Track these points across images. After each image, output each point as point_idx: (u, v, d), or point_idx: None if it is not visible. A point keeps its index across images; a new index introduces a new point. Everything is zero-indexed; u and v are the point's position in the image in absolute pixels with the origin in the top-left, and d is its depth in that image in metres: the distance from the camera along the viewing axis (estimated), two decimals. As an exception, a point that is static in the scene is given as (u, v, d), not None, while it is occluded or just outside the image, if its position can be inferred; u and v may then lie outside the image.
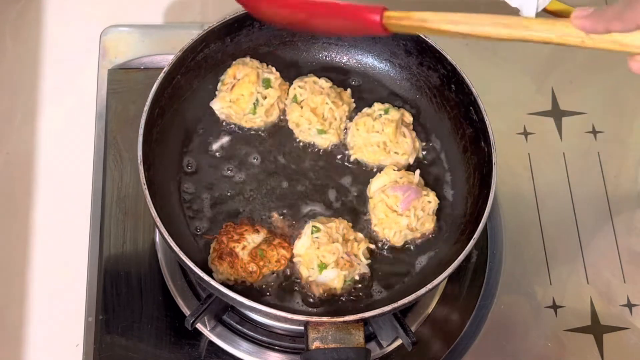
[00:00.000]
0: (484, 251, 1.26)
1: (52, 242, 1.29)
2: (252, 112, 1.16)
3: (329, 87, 1.18)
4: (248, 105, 1.16)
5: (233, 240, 1.07)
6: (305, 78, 1.19)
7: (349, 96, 1.21)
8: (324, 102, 1.16)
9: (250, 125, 1.18)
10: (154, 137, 1.10)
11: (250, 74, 1.16)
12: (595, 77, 1.46)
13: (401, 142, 1.15)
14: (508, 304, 1.24)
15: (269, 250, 1.07)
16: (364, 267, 1.08)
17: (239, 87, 1.16)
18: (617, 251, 1.30)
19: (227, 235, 1.08)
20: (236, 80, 1.16)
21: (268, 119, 1.18)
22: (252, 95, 1.16)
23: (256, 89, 1.16)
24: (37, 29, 1.47)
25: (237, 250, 1.06)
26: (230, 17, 1.15)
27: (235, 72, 1.17)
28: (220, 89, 1.18)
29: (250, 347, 1.17)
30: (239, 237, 1.07)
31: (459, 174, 1.16)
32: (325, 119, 1.16)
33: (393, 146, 1.15)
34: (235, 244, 1.06)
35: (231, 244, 1.06)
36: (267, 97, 1.16)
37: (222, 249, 1.06)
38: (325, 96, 1.16)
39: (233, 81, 1.17)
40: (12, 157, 1.36)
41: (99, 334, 1.16)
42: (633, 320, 1.25)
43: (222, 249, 1.06)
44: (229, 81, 1.17)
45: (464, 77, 1.12)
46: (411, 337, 1.06)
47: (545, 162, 1.36)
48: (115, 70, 1.37)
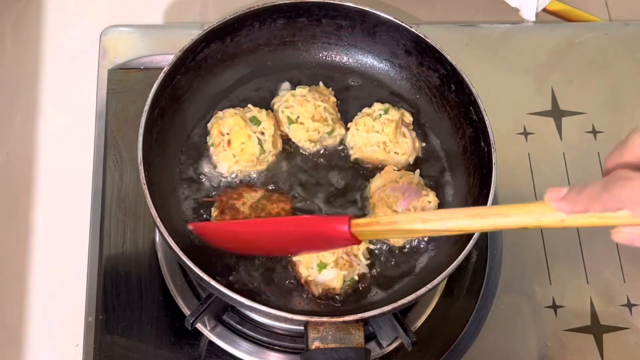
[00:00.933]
0: (484, 251, 1.26)
1: (52, 242, 1.29)
2: (262, 152, 1.13)
3: (307, 91, 1.17)
4: (254, 148, 1.12)
5: (233, 199, 1.09)
6: (282, 97, 1.18)
7: (325, 88, 1.21)
8: (316, 105, 1.16)
9: (264, 166, 1.15)
10: (154, 137, 1.09)
11: (236, 120, 1.12)
12: (595, 77, 1.46)
13: (401, 142, 1.15)
14: (508, 304, 1.24)
15: (268, 204, 1.09)
16: (364, 268, 1.08)
17: (235, 138, 1.12)
18: (617, 251, 1.30)
19: (227, 195, 1.10)
20: (227, 135, 1.13)
21: (277, 150, 1.15)
22: (251, 138, 1.12)
23: (251, 130, 1.13)
24: (37, 29, 1.47)
25: (237, 206, 1.08)
26: (230, 17, 1.15)
27: (219, 128, 1.13)
28: (214, 153, 1.14)
29: (250, 347, 1.17)
30: (238, 195, 1.09)
31: (459, 174, 1.16)
32: (326, 119, 1.16)
33: (393, 146, 1.15)
34: (235, 202, 1.09)
35: (231, 201, 1.09)
36: (264, 131, 1.13)
37: (224, 206, 1.08)
38: (313, 100, 1.16)
39: (224, 137, 1.13)
40: (12, 157, 1.36)
41: (99, 334, 1.16)
42: (633, 320, 1.25)
43: (224, 205, 1.08)
44: (220, 139, 1.13)
45: (464, 77, 1.12)
46: (411, 337, 1.06)
47: (545, 162, 1.36)
48: (115, 70, 1.37)
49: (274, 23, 1.19)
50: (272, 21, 1.18)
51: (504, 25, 1.51)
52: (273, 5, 1.16)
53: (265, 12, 1.17)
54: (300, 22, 1.19)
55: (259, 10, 1.16)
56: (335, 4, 1.17)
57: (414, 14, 1.53)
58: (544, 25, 1.52)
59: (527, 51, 1.48)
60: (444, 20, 1.54)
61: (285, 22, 1.19)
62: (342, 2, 1.17)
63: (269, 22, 1.18)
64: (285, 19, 1.19)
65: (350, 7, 1.17)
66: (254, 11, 1.15)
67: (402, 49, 1.20)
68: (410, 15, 1.52)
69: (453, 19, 1.54)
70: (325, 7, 1.18)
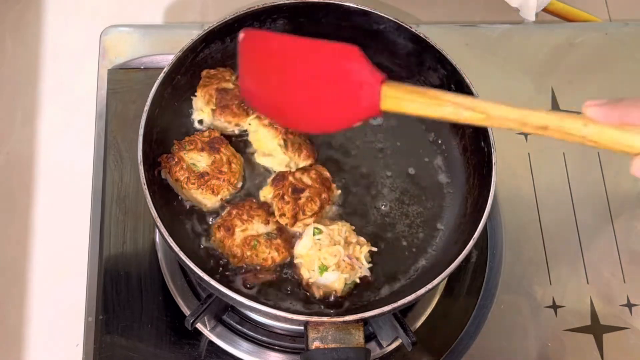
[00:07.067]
0: (484, 251, 1.26)
1: (52, 242, 1.29)
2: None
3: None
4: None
5: (240, 218, 1.08)
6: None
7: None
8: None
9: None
10: (154, 137, 1.09)
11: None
12: (595, 77, 1.46)
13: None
14: (508, 303, 1.24)
15: (262, 245, 1.07)
16: (366, 271, 1.08)
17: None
18: (617, 251, 1.30)
19: (240, 210, 1.08)
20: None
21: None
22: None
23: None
24: (37, 29, 1.47)
25: (236, 228, 1.06)
26: (230, 17, 1.15)
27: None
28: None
29: (250, 347, 1.17)
30: (247, 218, 1.08)
31: (459, 174, 1.16)
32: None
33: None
34: (239, 222, 1.07)
35: (236, 220, 1.07)
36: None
37: (226, 221, 1.07)
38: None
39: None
40: (12, 157, 1.36)
41: (99, 334, 1.16)
42: (633, 321, 1.25)
43: (226, 220, 1.07)
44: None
45: (464, 77, 1.12)
46: (411, 337, 1.06)
47: (545, 162, 1.36)
48: (115, 70, 1.37)
49: (274, 23, 1.19)
50: (272, 21, 1.18)
51: (504, 25, 1.51)
52: (273, 5, 1.16)
53: (265, 12, 1.17)
54: (300, 22, 1.19)
55: (259, 10, 1.16)
56: (335, 4, 1.17)
57: (414, 14, 1.53)
58: (544, 25, 1.52)
59: (527, 51, 1.48)
60: (444, 20, 1.54)
61: (285, 22, 1.19)
62: (342, 2, 1.17)
63: (269, 22, 1.18)
64: (285, 19, 1.19)
65: (350, 7, 1.17)
66: (254, 11, 1.15)
67: (402, 49, 1.20)
68: (410, 15, 1.52)
69: (453, 19, 1.54)
70: (325, 7, 1.17)
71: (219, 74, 1.16)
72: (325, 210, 1.11)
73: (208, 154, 1.10)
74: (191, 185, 1.08)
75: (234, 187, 1.11)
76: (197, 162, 1.10)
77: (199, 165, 1.10)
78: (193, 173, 1.09)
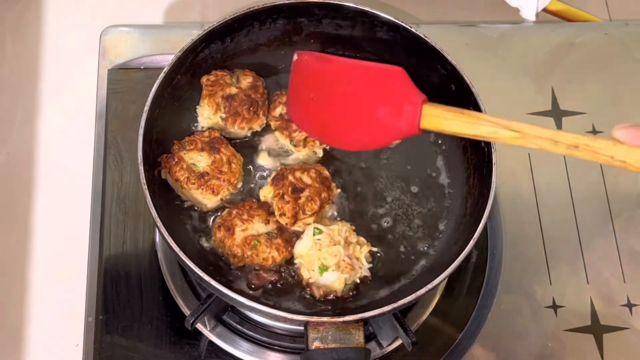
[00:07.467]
0: (484, 251, 1.26)
1: (52, 242, 1.29)
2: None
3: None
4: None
5: (240, 218, 1.07)
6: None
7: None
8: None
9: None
10: (154, 137, 1.09)
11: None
12: (595, 77, 1.46)
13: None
14: (508, 303, 1.24)
15: (263, 245, 1.07)
16: (365, 271, 1.08)
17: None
18: (617, 251, 1.30)
19: (240, 210, 1.08)
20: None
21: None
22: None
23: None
24: (37, 29, 1.47)
25: (236, 228, 1.06)
26: (230, 17, 1.15)
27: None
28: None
29: (250, 347, 1.17)
30: (247, 218, 1.08)
31: (459, 174, 1.16)
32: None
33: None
34: (239, 222, 1.07)
35: (236, 220, 1.07)
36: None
37: (226, 220, 1.07)
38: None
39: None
40: (12, 157, 1.36)
41: (99, 334, 1.16)
42: (633, 321, 1.25)
43: (226, 220, 1.07)
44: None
45: (464, 77, 1.12)
46: (411, 337, 1.06)
47: (545, 162, 1.36)
48: (115, 70, 1.37)
49: (274, 23, 1.19)
50: (272, 21, 1.18)
51: (504, 25, 1.51)
52: (273, 5, 1.16)
53: (265, 12, 1.17)
54: (300, 22, 1.19)
55: (259, 10, 1.16)
56: (335, 4, 1.17)
57: (414, 14, 1.53)
58: (544, 25, 1.52)
59: (527, 51, 1.48)
60: (444, 20, 1.54)
61: (285, 22, 1.19)
62: (342, 2, 1.16)
63: (269, 22, 1.18)
64: (285, 19, 1.19)
65: (350, 7, 1.17)
66: (254, 11, 1.15)
67: (402, 49, 1.20)
68: (410, 15, 1.52)
69: (453, 19, 1.54)
70: (325, 7, 1.17)
71: (219, 80, 1.16)
72: (325, 209, 1.11)
73: (208, 154, 1.10)
74: (191, 185, 1.09)
75: (234, 187, 1.11)
76: (197, 162, 1.10)
77: (199, 165, 1.10)
78: (193, 173, 1.09)
